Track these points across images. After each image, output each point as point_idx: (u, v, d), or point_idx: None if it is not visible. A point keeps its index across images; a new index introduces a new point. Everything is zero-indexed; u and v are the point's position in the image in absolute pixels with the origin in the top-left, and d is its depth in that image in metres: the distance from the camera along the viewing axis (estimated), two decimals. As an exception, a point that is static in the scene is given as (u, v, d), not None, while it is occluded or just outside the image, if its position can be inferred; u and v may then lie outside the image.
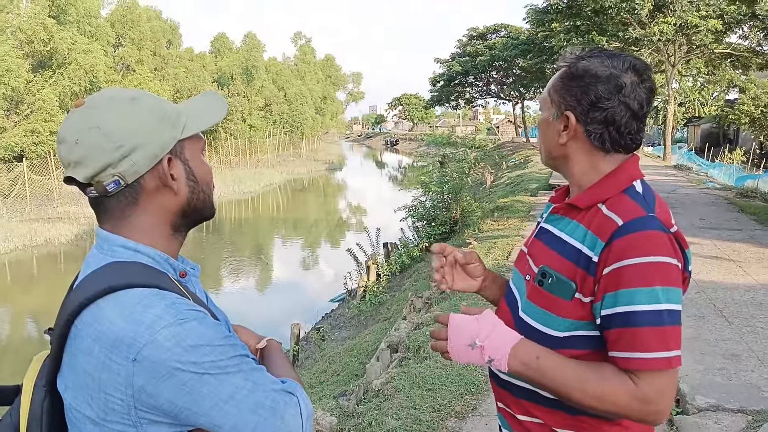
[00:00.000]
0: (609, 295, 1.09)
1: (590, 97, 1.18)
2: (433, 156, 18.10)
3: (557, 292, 1.16)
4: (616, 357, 1.09)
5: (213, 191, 1.09)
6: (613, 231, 1.10)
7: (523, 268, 1.30)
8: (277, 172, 38.78)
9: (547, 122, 1.26)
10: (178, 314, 0.87)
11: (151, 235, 0.99)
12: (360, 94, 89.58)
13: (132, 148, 0.94)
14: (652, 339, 1.06)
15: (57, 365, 0.92)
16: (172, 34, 41.72)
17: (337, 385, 5.66)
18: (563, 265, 1.17)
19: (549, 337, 1.16)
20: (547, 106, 1.25)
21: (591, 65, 1.19)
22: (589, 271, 1.12)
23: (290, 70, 58.92)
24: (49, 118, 22.50)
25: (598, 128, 1.19)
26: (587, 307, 1.14)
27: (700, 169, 22.27)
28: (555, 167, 1.31)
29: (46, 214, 20.39)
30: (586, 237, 1.15)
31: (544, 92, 1.28)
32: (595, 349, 1.15)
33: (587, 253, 1.13)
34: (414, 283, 9.93)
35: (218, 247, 18.70)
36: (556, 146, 1.25)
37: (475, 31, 46.99)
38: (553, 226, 1.27)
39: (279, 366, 1.09)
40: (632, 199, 1.15)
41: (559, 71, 1.25)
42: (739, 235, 8.82)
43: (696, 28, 21.15)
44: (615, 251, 1.09)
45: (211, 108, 1.07)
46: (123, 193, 0.96)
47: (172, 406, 0.85)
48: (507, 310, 1.30)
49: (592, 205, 1.19)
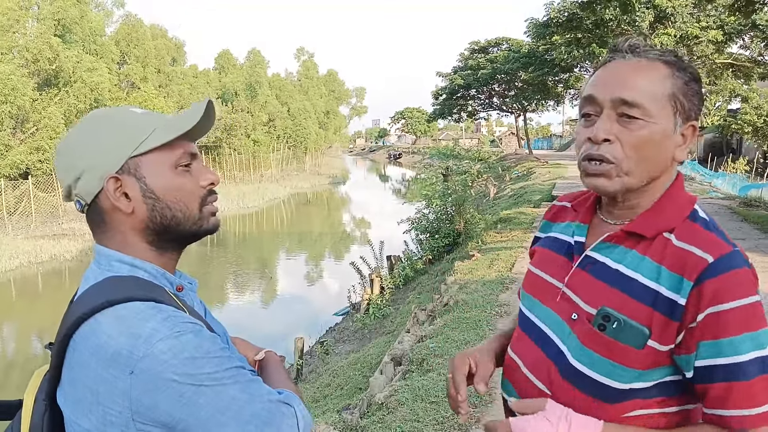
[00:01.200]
0: (707, 344, 0.94)
1: (701, 105, 1.04)
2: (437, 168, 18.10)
3: (625, 340, 0.98)
4: (726, 416, 0.95)
5: (197, 206, 1.02)
6: (702, 269, 0.94)
7: (563, 306, 1.09)
8: (281, 186, 38.89)
9: (665, 135, 1.01)
10: (175, 327, 0.88)
11: (130, 250, 0.99)
12: (363, 108, 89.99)
13: (82, 170, 0.97)
14: (763, 391, 0.93)
15: (57, 379, 0.93)
16: (176, 52, 42.12)
17: (341, 399, 5.65)
18: (634, 308, 0.98)
19: (607, 389, 1.00)
20: (665, 115, 1.01)
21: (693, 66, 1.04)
22: (672, 317, 0.96)
23: (293, 86, 59.32)
24: (54, 136, 22.70)
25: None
26: (662, 355, 0.98)
27: (703, 179, 22.24)
28: (630, 191, 1.05)
29: (51, 230, 20.49)
30: (660, 274, 0.98)
31: (654, 96, 1.00)
32: (662, 397, 1.01)
33: (668, 294, 0.96)
34: (417, 295, 9.92)
35: (223, 262, 18.73)
36: (666, 163, 1.04)
37: (477, 44, 47.32)
38: (605, 256, 1.06)
39: (277, 377, 1.10)
40: (706, 229, 1.01)
41: (672, 68, 1.02)
42: (743, 245, 8.73)
43: (696, 39, 21.25)
44: (708, 293, 0.93)
45: (185, 117, 1.01)
46: (92, 211, 1.00)
47: (169, 418, 0.86)
48: (542, 357, 1.09)
49: (657, 234, 1.02)
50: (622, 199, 1.07)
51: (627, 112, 1.00)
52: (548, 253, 1.20)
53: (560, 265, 1.14)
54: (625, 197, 1.06)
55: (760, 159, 27.69)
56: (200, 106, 1.02)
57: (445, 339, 5.12)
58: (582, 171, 1.07)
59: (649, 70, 1.02)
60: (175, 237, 1.03)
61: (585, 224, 1.14)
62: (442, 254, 13.16)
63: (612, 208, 1.10)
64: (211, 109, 1.03)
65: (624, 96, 1.00)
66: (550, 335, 1.09)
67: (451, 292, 7.11)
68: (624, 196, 1.06)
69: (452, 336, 5.17)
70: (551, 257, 1.18)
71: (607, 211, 1.12)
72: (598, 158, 1.03)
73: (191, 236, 1.04)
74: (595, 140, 1.02)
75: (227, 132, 37.76)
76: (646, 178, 1.03)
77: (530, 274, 1.22)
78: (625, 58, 1.04)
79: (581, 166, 1.07)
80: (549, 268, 1.16)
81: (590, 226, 1.14)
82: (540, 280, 1.17)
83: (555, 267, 1.15)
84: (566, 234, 1.18)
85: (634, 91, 1.00)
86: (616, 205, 1.09)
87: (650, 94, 1.00)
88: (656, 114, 1.00)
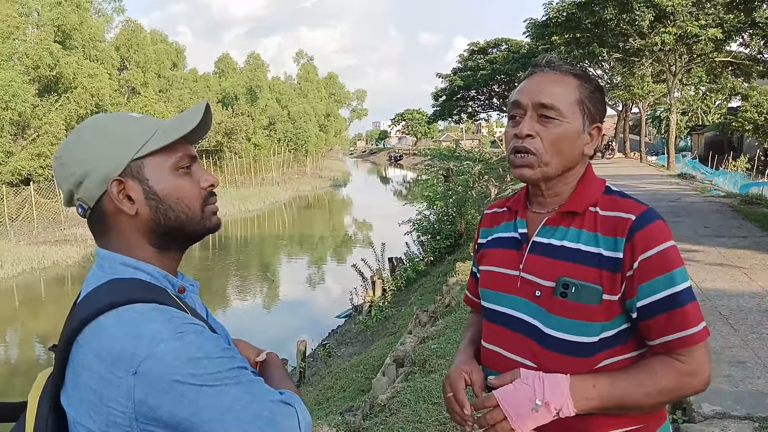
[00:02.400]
0: (645, 285, 1.14)
1: (605, 111, 1.30)
2: (438, 169, 18.11)
3: (585, 300, 1.17)
4: (669, 341, 1.14)
5: (199, 206, 1.04)
6: (629, 226, 1.16)
7: (524, 289, 1.26)
8: (282, 189, 38.93)
9: (576, 133, 1.23)
10: (177, 328, 0.89)
11: (133, 252, 1.01)
12: (363, 110, 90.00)
13: (83, 174, 0.98)
14: (694, 314, 1.15)
15: (60, 381, 0.94)
16: (176, 57, 42.20)
17: (343, 401, 5.66)
18: (584, 272, 1.18)
19: (582, 345, 1.18)
20: (575, 117, 1.23)
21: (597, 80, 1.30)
22: (615, 270, 1.16)
23: (293, 89, 59.38)
24: (55, 142, 22.78)
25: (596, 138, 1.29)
26: (616, 305, 1.17)
27: (704, 177, 22.20)
28: (550, 179, 1.26)
29: (53, 236, 20.53)
30: (598, 240, 1.19)
31: (566, 101, 1.22)
32: (623, 343, 1.20)
33: (608, 254, 1.17)
34: (419, 297, 9.92)
35: (224, 265, 18.75)
36: (578, 157, 1.26)
37: (476, 45, 47.38)
38: (549, 238, 1.25)
39: (278, 378, 1.11)
40: (622, 197, 1.24)
41: (580, 80, 1.25)
42: (743, 242, 8.79)
43: (696, 38, 21.22)
44: (639, 244, 1.14)
45: (184, 120, 1.03)
46: (94, 215, 1.01)
47: (172, 418, 0.87)
48: (519, 337, 1.25)
49: (585, 210, 1.23)
50: (545, 188, 1.28)
51: (545, 113, 1.22)
52: (497, 251, 1.37)
53: (512, 257, 1.31)
54: (547, 186, 1.27)
55: (760, 157, 27.68)
56: (198, 108, 1.04)
57: (447, 340, 5.13)
58: (510, 163, 1.29)
59: (562, 81, 1.24)
60: (178, 237, 1.05)
61: (524, 218, 1.33)
62: (444, 255, 13.17)
63: (541, 199, 1.30)
64: (209, 112, 1.04)
65: (543, 100, 1.22)
66: (520, 317, 1.26)
67: (452, 293, 7.12)
68: (546, 185, 1.27)
69: (454, 337, 5.17)
70: (501, 253, 1.35)
71: (537, 203, 1.31)
72: (523, 150, 1.24)
73: (195, 236, 1.06)
74: (520, 135, 1.23)
75: (228, 136, 37.82)
76: (561, 168, 1.25)
77: (486, 273, 1.38)
78: (543, 71, 1.26)
79: (509, 160, 1.29)
80: (502, 263, 1.33)
81: (527, 220, 1.33)
82: (497, 275, 1.33)
83: (507, 260, 1.32)
84: (508, 231, 1.36)
85: (551, 97, 1.22)
86: (543, 195, 1.29)
87: (563, 99, 1.22)
88: (568, 115, 1.22)
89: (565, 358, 1.18)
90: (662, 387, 1.14)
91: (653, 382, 1.14)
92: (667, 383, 1.14)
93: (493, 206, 1.48)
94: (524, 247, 1.29)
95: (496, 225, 1.41)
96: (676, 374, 1.14)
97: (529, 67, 1.34)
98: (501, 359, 1.28)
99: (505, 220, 1.39)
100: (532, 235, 1.28)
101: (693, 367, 1.14)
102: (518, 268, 1.28)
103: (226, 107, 42.82)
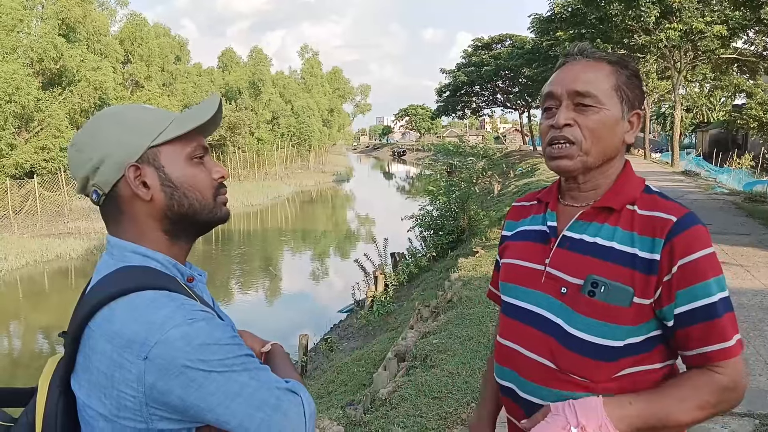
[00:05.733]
0: (683, 292, 1.08)
1: (643, 98, 1.24)
2: (441, 165, 18.10)
3: (614, 301, 1.10)
4: (708, 352, 1.08)
5: (211, 195, 1.07)
6: (670, 228, 1.10)
7: (549, 285, 1.20)
8: (285, 184, 38.95)
9: (615, 120, 1.17)
10: (188, 314, 0.91)
11: (144, 240, 1.02)
12: (367, 105, 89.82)
13: (100, 160, 1.00)
14: (732, 325, 1.09)
15: (71, 366, 0.97)
16: (180, 51, 42.17)
17: (345, 395, 5.68)
18: (616, 272, 1.11)
19: (606, 349, 1.11)
20: (613, 103, 1.17)
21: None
22: (650, 273, 1.10)
23: (297, 84, 59.31)
24: (58, 135, 22.78)
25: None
26: (647, 309, 1.11)
27: (708, 174, 22.14)
28: (590, 170, 1.20)
29: (57, 229, 20.57)
30: (634, 240, 1.12)
31: (602, 87, 1.17)
32: (649, 352, 1.13)
33: (644, 255, 1.11)
34: (421, 292, 9.94)
35: (227, 259, 18.78)
36: (618, 145, 1.20)
37: (481, 41, 47.28)
38: (581, 233, 1.19)
39: (283, 368, 1.12)
40: (663, 198, 1.18)
41: (615, 66, 1.20)
42: (747, 240, 8.79)
43: (701, 34, 21.15)
44: (679, 247, 1.08)
45: (200, 111, 1.05)
46: (109, 201, 1.03)
47: (181, 403, 0.89)
48: (538, 334, 1.19)
49: (623, 207, 1.17)
50: (583, 180, 1.21)
51: (581, 101, 1.17)
52: (523, 243, 1.31)
53: (538, 251, 1.25)
54: (585, 178, 1.21)
55: (765, 154, 27.57)
56: (213, 100, 1.07)
57: (448, 335, 5.14)
58: (547, 156, 1.22)
59: (596, 68, 1.19)
60: (190, 225, 1.07)
61: (554, 211, 1.26)
62: (446, 251, 13.17)
63: (575, 193, 1.24)
64: (220, 108, 1.07)
65: (578, 88, 1.17)
66: (542, 313, 1.20)
67: (454, 288, 7.13)
68: (585, 177, 1.21)
69: (455, 332, 5.19)
70: (527, 246, 1.29)
71: (570, 197, 1.25)
72: (562, 139, 1.18)
73: (206, 224, 1.09)
74: (557, 125, 1.18)
75: (231, 130, 37.79)
76: (602, 158, 1.19)
77: (508, 266, 1.32)
78: (576, 59, 1.22)
79: (546, 152, 1.22)
80: (527, 256, 1.27)
81: (557, 213, 1.26)
82: (521, 268, 1.27)
83: (533, 254, 1.26)
84: (536, 224, 1.30)
85: (586, 84, 1.17)
86: (579, 189, 1.23)
87: (599, 85, 1.17)
88: (606, 102, 1.17)
89: (586, 361, 1.12)
90: (705, 402, 1.08)
91: (696, 397, 1.08)
92: (710, 398, 1.08)
93: (521, 199, 1.43)
94: (552, 241, 1.22)
95: (524, 218, 1.35)
96: (718, 388, 1.08)
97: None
98: (517, 356, 1.23)
99: (533, 213, 1.33)
100: (563, 229, 1.22)
101: (732, 383, 1.08)
102: (544, 262, 1.22)
103: (230, 101, 42.77)
